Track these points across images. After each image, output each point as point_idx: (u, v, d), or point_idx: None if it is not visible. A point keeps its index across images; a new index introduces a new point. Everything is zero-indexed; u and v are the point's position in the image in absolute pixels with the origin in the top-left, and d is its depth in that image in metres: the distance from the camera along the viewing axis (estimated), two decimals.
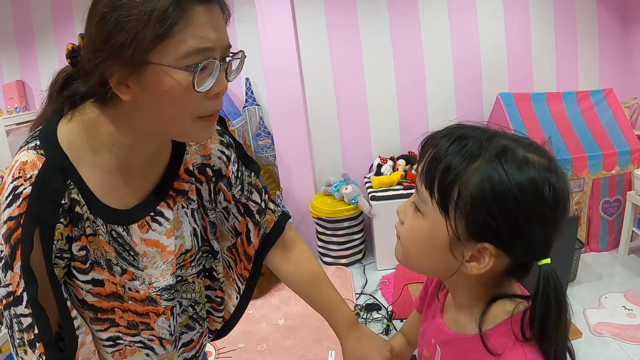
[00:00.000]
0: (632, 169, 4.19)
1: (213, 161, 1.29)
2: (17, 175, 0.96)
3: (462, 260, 0.88)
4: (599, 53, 4.98)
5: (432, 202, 0.88)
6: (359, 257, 4.77)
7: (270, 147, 4.88)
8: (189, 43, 0.91)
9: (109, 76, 0.94)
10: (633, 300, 3.62)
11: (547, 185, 0.82)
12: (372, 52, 4.90)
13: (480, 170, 0.82)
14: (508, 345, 0.87)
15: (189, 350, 1.36)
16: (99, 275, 1.08)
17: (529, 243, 0.84)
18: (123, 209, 1.10)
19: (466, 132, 0.89)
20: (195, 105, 0.98)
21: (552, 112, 4.41)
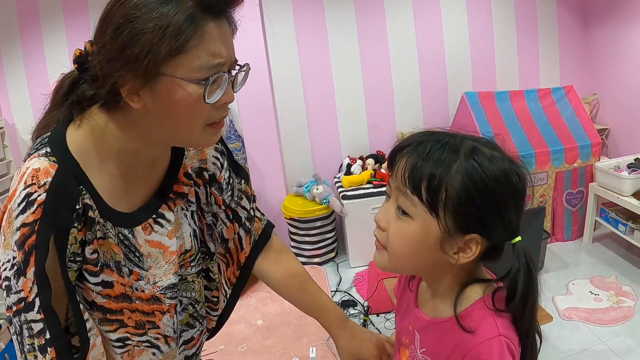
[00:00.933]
0: (593, 162, 4.34)
1: (209, 166, 1.34)
2: (30, 182, 0.98)
3: (451, 254, 0.97)
4: (559, 51, 5.12)
5: (422, 204, 0.95)
6: (332, 255, 4.84)
7: (240, 150, 4.91)
8: (202, 58, 0.95)
9: (121, 85, 0.96)
10: (599, 286, 3.77)
11: (514, 174, 0.95)
12: (340, 54, 4.96)
13: (459, 171, 0.92)
14: (480, 324, 0.96)
15: (190, 347, 1.40)
16: (109, 277, 1.11)
17: (506, 225, 0.95)
18: (128, 212, 1.14)
19: (437, 138, 0.98)
20: (205, 115, 1.02)
21: (516, 109, 4.54)
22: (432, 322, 1.08)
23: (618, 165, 4.11)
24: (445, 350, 1.01)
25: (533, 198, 4.31)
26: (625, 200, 3.84)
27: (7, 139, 4.87)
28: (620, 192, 3.90)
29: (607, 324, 3.31)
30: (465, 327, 0.96)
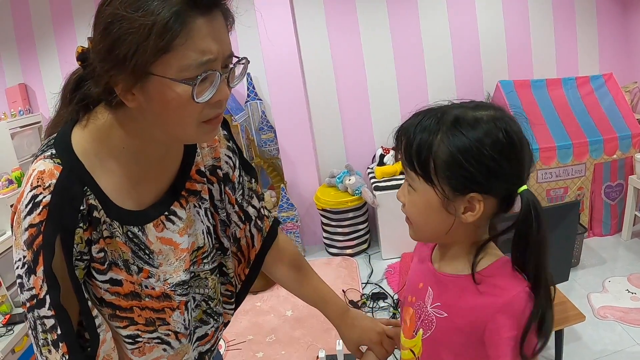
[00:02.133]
0: (633, 153, 4.21)
1: (222, 164, 1.34)
2: (36, 184, 0.99)
3: (458, 214, 1.04)
4: (598, 38, 4.98)
5: (419, 178, 1.05)
6: (364, 247, 4.83)
7: (273, 141, 4.92)
8: (190, 57, 0.92)
9: (114, 84, 0.96)
10: (637, 284, 3.66)
11: (500, 131, 0.99)
12: (372, 43, 4.93)
13: (443, 140, 1.00)
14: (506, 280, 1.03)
15: (204, 344, 1.40)
16: (117, 275, 1.11)
17: (504, 178, 1.00)
18: (138, 209, 1.14)
19: (424, 115, 1.06)
20: (198, 113, 1.00)
21: (552, 98, 4.43)
22: (449, 277, 1.13)
23: None
24: (468, 304, 1.06)
25: (570, 191, 4.21)
26: None
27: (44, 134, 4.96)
28: None
29: None
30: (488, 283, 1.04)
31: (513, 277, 1.03)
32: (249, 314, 3.94)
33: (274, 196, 4.95)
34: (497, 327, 1.00)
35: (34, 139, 4.95)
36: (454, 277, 1.11)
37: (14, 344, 3.45)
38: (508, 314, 0.99)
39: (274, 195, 4.96)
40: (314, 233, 5.09)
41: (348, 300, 3.91)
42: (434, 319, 1.13)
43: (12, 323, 3.59)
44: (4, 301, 3.72)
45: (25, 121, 4.85)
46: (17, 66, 5.19)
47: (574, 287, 3.66)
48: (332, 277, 4.36)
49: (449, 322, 1.10)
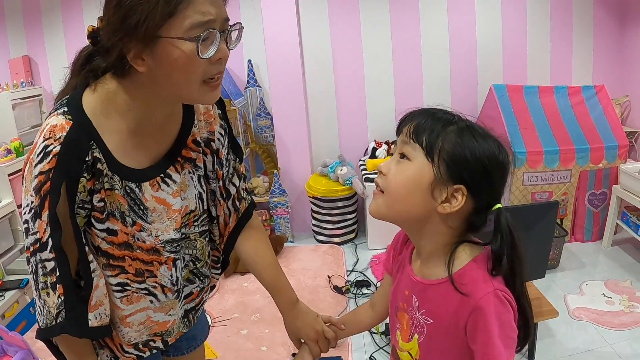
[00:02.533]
0: (618, 164, 4.29)
1: (215, 139, 1.47)
2: (48, 136, 1.11)
3: (439, 201, 1.11)
4: (593, 50, 5.07)
5: (422, 149, 1.11)
6: (352, 236, 4.92)
7: (269, 128, 4.99)
8: (192, 18, 1.06)
9: (127, 51, 1.09)
10: (613, 289, 3.76)
11: (501, 153, 1.11)
12: (372, 40, 5.00)
13: (456, 133, 1.10)
14: (476, 282, 1.09)
15: (189, 302, 1.54)
16: (113, 225, 1.24)
17: (490, 187, 1.11)
18: (137, 168, 1.26)
19: (439, 110, 1.17)
20: (201, 70, 1.12)
21: (544, 105, 4.52)
22: (428, 285, 1.19)
23: None
24: (448, 310, 1.13)
25: (554, 195, 4.31)
26: None
27: (45, 106, 5.03)
28: None
29: (616, 328, 3.31)
30: (460, 288, 1.10)
31: (483, 278, 1.09)
32: (236, 293, 4.03)
33: (266, 182, 5.03)
34: (474, 328, 1.08)
35: (34, 111, 4.99)
36: (433, 283, 1.18)
37: (4, 310, 3.55)
38: (481, 315, 1.06)
39: (267, 180, 5.04)
40: (303, 220, 5.17)
41: (333, 286, 4.01)
42: (424, 325, 1.20)
43: (3, 289, 3.69)
44: None
45: (27, 93, 4.89)
46: (22, 38, 5.22)
47: (551, 288, 3.77)
48: (319, 264, 4.46)
49: (436, 327, 1.18)
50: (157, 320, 1.42)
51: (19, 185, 4.25)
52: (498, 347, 1.06)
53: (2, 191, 4.21)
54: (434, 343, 1.19)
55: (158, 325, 1.44)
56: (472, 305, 1.07)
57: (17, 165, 4.30)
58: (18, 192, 4.30)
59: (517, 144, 4.20)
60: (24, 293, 3.81)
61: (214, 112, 1.47)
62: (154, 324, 1.42)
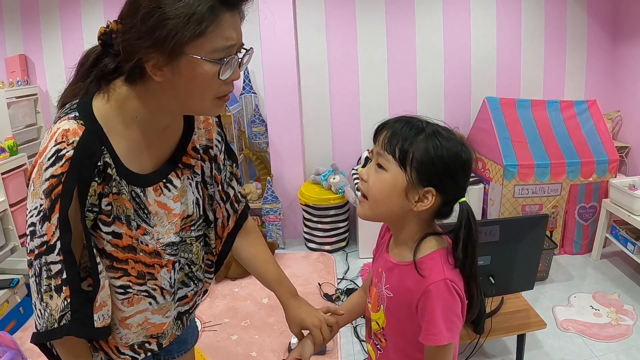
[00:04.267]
0: (608, 178, 4.34)
1: (213, 146, 1.54)
2: (61, 140, 1.14)
3: (413, 201, 1.29)
4: (586, 65, 5.12)
5: (395, 160, 1.28)
6: (343, 244, 4.95)
7: (263, 134, 5.02)
8: (218, 42, 1.14)
9: (147, 60, 1.14)
10: (600, 301, 3.80)
11: (463, 152, 1.29)
12: (368, 50, 5.04)
13: (424, 140, 1.26)
14: (433, 269, 1.29)
15: (183, 304, 1.57)
16: (119, 229, 1.28)
17: (455, 186, 1.30)
18: (142, 173, 1.31)
19: (410, 119, 1.32)
20: (216, 89, 1.20)
21: (536, 118, 4.57)
22: (396, 265, 1.39)
23: (633, 183, 4.12)
24: (406, 288, 1.33)
25: (545, 208, 4.35)
26: (636, 220, 3.85)
27: (40, 106, 5.06)
28: (632, 210, 3.91)
29: (603, 340, 3.34)
30: (419, 271, 1.29)
31: (439, 267, 1.29)
32: (227, 298, 4.04)
33: (259, 188, 5.05)
34: (423, 306, 1.28)
35: (29, 109, 5.00)
36: (400, 264, 1.37)
37: None
38: (429, 297, 1.26)
39: (260, 187, 5.06)
40: (294, 227, 5.19)
41: (323, 293, 4.03)
42: (386, 298, 1.41)
43: None
44: None
45: (22, 92, 4.91)
46: (19, 36, 5.23)
47: (540, 299, 3.80)
48: (309, 271, 4.48)
49: (395, 301, 1.38)
50: (155, 322, 1.46)
51: (12, 184, 4.26)
52: (439, 326, 1.25)
53: None
54: (393, 315, 1.40)
55: (155, 327, 1.47)
56: (425, 288, 1.26)
57: (11, 164, 4.32)
58: (11, 191, 4.31)
59: (508, 157, 4.24)
60: (14, 293, 3.81)
61: (212, 121, 1.53)
62: (151, 325, 1.46)
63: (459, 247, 1.29)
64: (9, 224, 4.34)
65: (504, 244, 2.59)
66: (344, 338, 3.46)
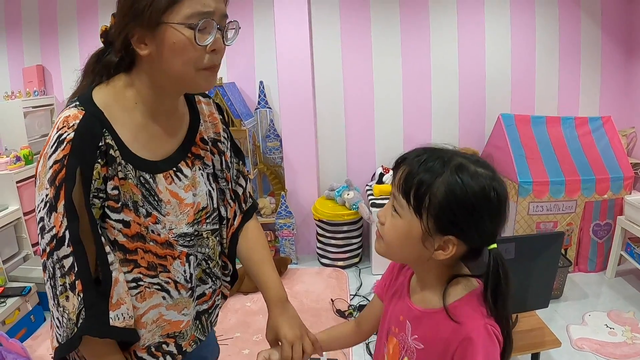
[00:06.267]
0: (623, 195, 4.32)
1: (222, 140, 1.55)
2: (62, 126, 1.16)
3: (432, 250, 1.15)
4: (600, 82, 5.10)
5: (409, 207, 1.14)
6: (356, 260, 4.94)
7: (278, 149, 5.04)
8: (193, 7, 1.15)
9: (131, 36, 1.18)
10: (616, 320, 3.76)
11: (492, 190, 1.10)
12: (383, 66, 5.06)
13: (444, 183, 1.10)
14: (469, 314, 1.14)
15: (201, 303, 1.52)
16: (127, 216, 1.25)
17: (481, 233, 1.12)
18: (151, 159, 1.31)
19: (431, 153, 1.16)
20: (197, 57, 1.20)
21: (551, 135, 4.55)
22: (424, 313, 1.25)
23: None
24: (441, 337, 1.17)
25: (559, 225, 4.33)
26: None
27: (56, 116, 5.07)
28: None
29: (618, 359, 3.31)
30: (454, 317, 1.14)
31: (476, 311, 1.15)
32: (238, 312, 4.05)
33: (273, 203, 5.07)
34: (462, 356, 1.12)
35: (45, 120, 5.07)
36: (428, 312, 1.23)
37: (5, 316, 3.58)
38: (470, 345, 1.11)
39: (274, 202, 5.08)
40: (308, 242, 5.20)
41: (335, 309, 4.02)
42: (414, 350, 1.25)
43: (5, 296, 3.73)
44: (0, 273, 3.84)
45: (39, 102, 4.99)
46: (37, 47, 5.33)
47: (554, 318, 3.78)
48: (322, 287, 4.47)
49: (426, 352, 1.22)
50: (170, 319, 1.40)
51: (26, 193, 4.32)
52: None
53: (10, 198, 4.29)
54: None
55: (171, 324, 1.41)
56: (463, 335, 1.12)
57: (26, 172, 4.38)
58: (25, 200, 4.37)
59: (523, 174, 4.23)
60: (26, 301, 3.84)
61: (217, 116, 1.57)
62: (166, 323, 1.39)
63: (487, 294, 1.14)
64: (22, 232, 4.39)
65: (519, 262, 2.57)
66: (356, 356, 3.46)
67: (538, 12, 4.94)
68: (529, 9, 4.94)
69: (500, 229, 1.15)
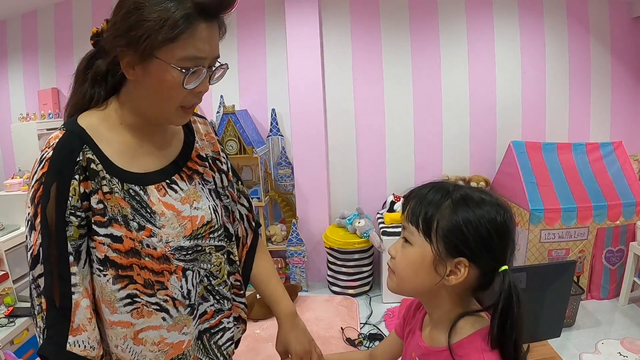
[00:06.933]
0: (636, 221, 4.29)
1: (222, 159, 1.56)
2: (45, 148, 1.18)
3: (444, 275, 1.16)
4: (611, 107, 5.11)
5: (419, 233, 1.18)
6: (366, 288, 4.92)
7: (289, 177, 5.06)
8: (188, 51, 1.16)
9: (122, 58, 1.18)
10: (629, 348, 3.71)
11: (499, 214, 1.15)
12: (394, 94, 5.09)
13: (450, 206, 1.16)
14: (472, 353, 1.14)
15: (203, 322, 1.46)
16: (117, 231, 1.22)
17: (492, 253, 1.14)
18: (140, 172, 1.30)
19: (438, 185, 1.22)
20: (181, 97, 1.22)
21: (562, 161, 4.55)
22: (432, 351, 1.26)
23: None
24: None
25: (571, 252, 4.30)
26: None
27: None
28: None
29: None
30: (455, 357, 1.16)
31: (478, 352, 1.13)
32: (248, 339, 4.02)
33: (284, 230, 5.07)
34: None
35: None
36: (435, 350, 1.24)
37: (13, 336, 3.58)
38: None
39: (284, 229, 5.09)
40: (318, 270, 5.20)
41: (345, 337, 4.00)
42: None
43: (14, 315, 3.72)
44: (9, 293, 3.86)
45: (53, 124, 5.06)
46: (52, 70, 5.43)
47: (567, 346, 3.74)
48: (332, 314, 4.45)
49: None
50: (172, 341, 1.35)
51: None
52: None
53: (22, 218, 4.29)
54: None
55: (174, 347, 1.35)
56: None
57: None
58: None
59: (534, 202, 4.22)
60: None
61: (214, 136, 1.58)
62: (169, 346, 1.34)
63: (495, 323, 1.12)
64: None
65: (531, 291, 2.57)
66: None
67: (548, 39, 4.97)
68: (538, 36, 4.97)
69: (509, 250, 1.17)
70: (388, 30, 5.00)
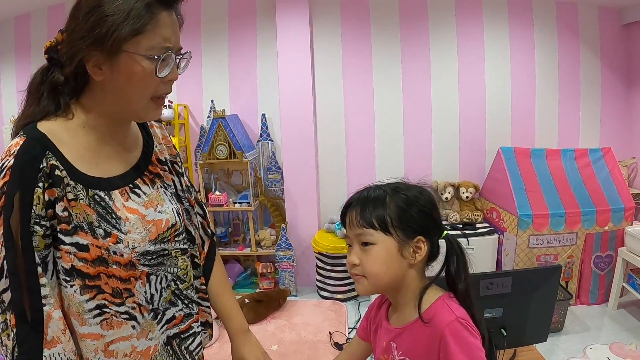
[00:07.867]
0: (625, 226, 4.30)
1: (178, 162, 1.59)
2: (4, 156, 1.14)
3: (409, 257, 1.34)
4: (600, 113, 5.14)
5: (378, 231, 1.33)
6: (355, 293, 4.90)
7: (279, 182, 5.06)
8: (156, 40, 1.17)
9: (87, 60, 1.17)
10: (617, 353, 3.72)
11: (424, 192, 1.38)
12: (384, 100, 5.10)
13: (392, 199, 1.34)
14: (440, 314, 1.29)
15: (171, 327, 1.43)
16: (83, 239, 1.18)
17: (434, 223, 1.37)
18: (103, 177, 1.28)
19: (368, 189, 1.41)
20: (153, 87, 1.23)
21: (551, 167, 4.56)
22: (403, 328, 1.38)
23: None
24: (421, 346, 1.32)
25: (560, 258, 4.31)
26: None
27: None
28: None
29: None
30: (427, 321, 1.29)
31: (447, 310, 1.29)
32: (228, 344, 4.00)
33: (273, 234, 5.07)
34: (445, 354, 1.25)
35: None
36: (406, 326, 1.37)
37: None
38: (447, 341, 1.24)
39: (274, 233, 5.08)
40: (307, 275, 5.19)
41: (333, 342, 3.99)
42: None
43: None
44: None
45: None
46: None
47: (555, 351, 3.74)
48: (320, 319, 4.45)
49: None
50: (142, 349, 1.33)
51: None
52: None
53: None
54: None
55: (143, 355, 1.33)
56: (439, 335, 1.26)
57: None
58: None
59: (523, 207, 4.23)
60: None
61: (170, 138, 1.59)
62: (139, 355, 1.32)
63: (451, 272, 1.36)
64: None
65: (516, 296, 2.55)
66: None
67: (537, 45, 5.00)
68: (528, 42, 5.00)
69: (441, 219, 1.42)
70: (378, 36, 5.01)
